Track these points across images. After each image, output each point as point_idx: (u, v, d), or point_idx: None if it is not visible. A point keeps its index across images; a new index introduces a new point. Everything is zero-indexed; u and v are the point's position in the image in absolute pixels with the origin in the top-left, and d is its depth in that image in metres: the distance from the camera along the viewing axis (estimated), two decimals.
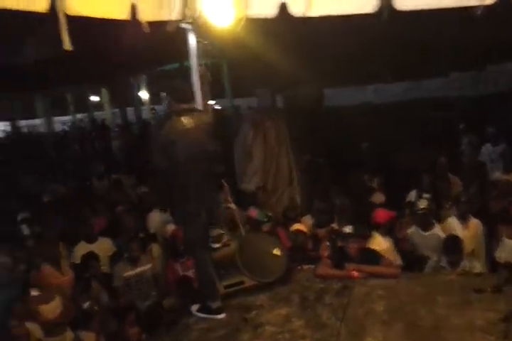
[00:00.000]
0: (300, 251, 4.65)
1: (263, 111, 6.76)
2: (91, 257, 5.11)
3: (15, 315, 4.19)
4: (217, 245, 3.93)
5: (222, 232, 4.01)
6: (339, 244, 4.33)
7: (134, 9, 3.36)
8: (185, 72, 4.64)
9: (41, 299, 4.73)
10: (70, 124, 21.82)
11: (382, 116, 11.81)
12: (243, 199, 6.05)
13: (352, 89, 17.03)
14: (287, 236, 5.03)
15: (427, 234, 4.99)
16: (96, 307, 4.27)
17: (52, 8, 2.65)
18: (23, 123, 24.73)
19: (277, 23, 3.81)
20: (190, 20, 3.99)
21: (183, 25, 4.05)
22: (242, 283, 3.88)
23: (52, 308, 4.78)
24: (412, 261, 4.73)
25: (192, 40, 4.16)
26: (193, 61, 4.26)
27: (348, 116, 11.91)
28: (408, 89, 15.99)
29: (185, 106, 3.56)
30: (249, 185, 6.44)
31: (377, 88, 17.36)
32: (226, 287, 3.84)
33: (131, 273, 5.04)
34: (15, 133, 18.08)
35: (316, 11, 3.67)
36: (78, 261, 5.32)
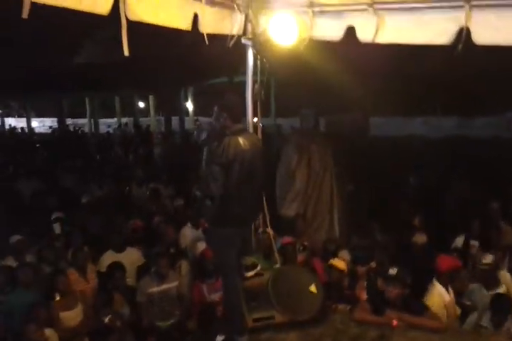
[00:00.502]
0: (335, 289, 4.36)
1: (308, 134, 6.51)
2: (117, 268, 4.96)
3: (35, 319, 4.06)
4: (249, 274, 3.70)
5: (256, 261, 3.78)
6: (379, 285, 4.02)
7: (195, 20, 3.24)
8: (233, 88, 4.51)
9: (64, 305, 4.63)
10: (114, 127, 22.22)
11: (429, 150, 11.38)
12: (281, 226, 5.82)
13: (400, 120, 16.65)
14: (323, 270, 4.75)
15: (489, 293, 4.44)
16: (118, 323, 4.08)
17: (114, 11, 2.54)
18: (69, 121, 25.44)
19: (339, 46, 3.64)
20: (250, 36, 3.85)
21: (243, 41, 3.91)
22: (272, 317, 3.62)
23: (73, 316, 4.68)
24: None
25: (250, 56, 4.01)
26: (249, 78, 4.11)
27: (394, 147, 11.55)
28: (459, 125, 15.50)
29: (239, 125, 3.44)
30: (289, 210, 6.18)
31: (427, 121, 16.92)
32: (255, 320, 3.59)
33: (156, 289, 4.86)
34: (61, 130, 18.47)
35: (386, 37, 3.45)
36: (104, 270, 5.20)
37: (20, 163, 11.33)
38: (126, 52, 2.51)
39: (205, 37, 3.30)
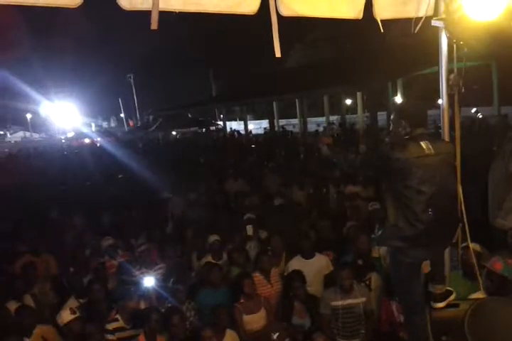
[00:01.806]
0: None
1: None
2: (296, 276, 4.77)
3: (216, 322, 4.15)
4: (440, 305, 3.06)
5: (450, 289, 3.11)
6: None
7: (367, 6, 2.77)
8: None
9: (248, 308, 4.67)
10: (324, 125, 22.59)
11: None
12: (493, 239, 4.84)
13: None
14: None
15: None
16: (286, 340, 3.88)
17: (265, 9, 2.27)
18: (284, 122, 26.88)
19: None
20: (443, 16, 3.17)
21: (434, 23, 3.25)
22: None
23: (256, 319, 4.69)
24: None
25: (444, 40, 3.33)
26: (443, 66, 3.43)
27: None
28: None
29: (421, 130, 2.97)
30: (506, 221, 5.10)
31: None
32: None
33: (340, 303, 4.51)
34: (271, 131, 19.55)
35: None
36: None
37: (231, 164, 12.22)
38: (278, 53, 2.24)
39: (380, 24, 2.81)
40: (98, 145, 27.38)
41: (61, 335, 4.19)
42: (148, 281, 4.77)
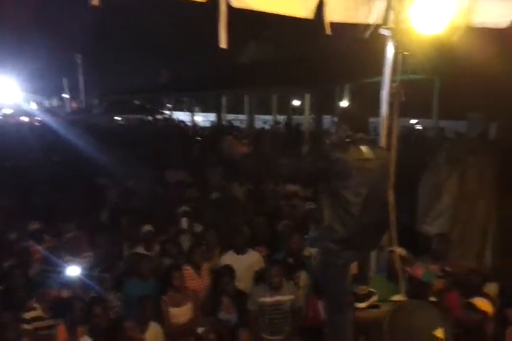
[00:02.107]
0: (475, 335, 3.54)
1: (466, 143, 5.56)
2: (226, 272, 4.77)
3: (139, 315, 4.05)
4: (361, 305, 3.15)
5: (372, 290, 3.21)
6: None
7: (320, 7, 2.79)
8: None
9: (174, 301, 4.60)
10: (271, 124, 22.75)
11: None
12: (418, 245, 5.04)
13: None
14: (460, 308, 3.92)
15: None
16: (211, 336, 3.86)
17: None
18: (232, 116, 26.79)
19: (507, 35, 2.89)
20: (391, 26, 3.25)
21: (382, 31, 3.33)
22: None
23: (182, 313, 4.63)
24: None
25: (390, 49, 3.41)
26: (387, 75, 3.52)
27: None
28: None
29: (361, 135, 3.01)
30: (431, 227, 5.36)
31: None
32: None
33: (268, 299, 4.55)
34: (217, 125, 19.44)
35: None
36: None
37: (175, 154, 12.00)
38: (223, 44, 2.20)
39: (328, 26, 2.83)
40: (37, 124, 26.16)
41: None
42: (73, 269, 4.60)
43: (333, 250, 2.91)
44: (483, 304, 3.75)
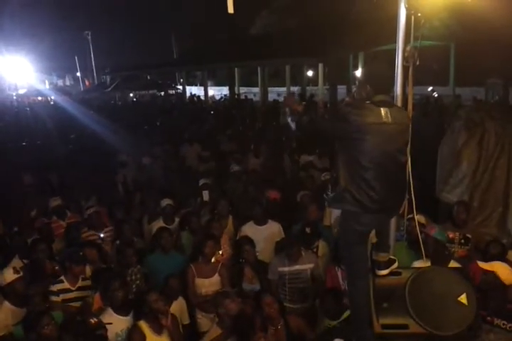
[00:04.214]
0: (494, 300, 3.54)
1: (486, 108, 5.42)
2: (246, 242, 4.79)
3: (166, 293, 4.11)
4: (383, 272, 3.15)
5: (393, 258, 3.20)
6: None
7: None
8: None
9: (202, 272, 4.64)
10: (284, 96, 22.51)
11: None
12: (439, 212, 5.01)
13: None
14: (480, 274, 3.90)
15: None
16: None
17: None
18: (244, 89, 26.59)
19: None
20: None
21: None
22: (406, 326, 3.03)
23: (207, 284, 4.69)
24: None
25: (402, 11, 3.27)
26: (400, 38, 3.38)
27: None
28: None
29: (383, 97, 2.90)
30: (450, 195, 5.31)
31: None
32: (385, 327, 3.05)
33: (287, 269, 4.60)
34: (231, 98, 19.30)
35: None
36: None
37: (188, 128, 12.02)
38: (230, 9, 2.15)
39: None
40: (52, 103, 26.31)
41: (3, 295, 4.07)
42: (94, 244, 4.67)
43: (351, 213, 2.87)
44: (502, 270, 3.72)
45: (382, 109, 2.82)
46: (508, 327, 3.39)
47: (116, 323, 3.79)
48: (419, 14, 3.03)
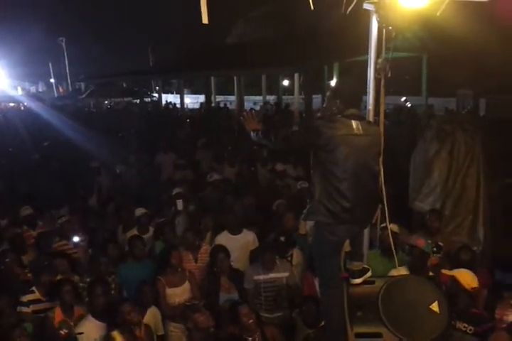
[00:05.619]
0: (454, 305, 3.58)
1: (456, 119, 5.57)
2: (219, 251, 4.74)
3: (138, 301, 4.07)
4: (357, 281, 3.18)
5: (367, 267, 3.24)
6: None
7: None
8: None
9: (172, 281, 4.61)
10: (261, 104, 22.62)
11: None
12: (411, 221, 5.09)
13: None
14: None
15: None
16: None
17: None
18: (221, 98, 26.60)
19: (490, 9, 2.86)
20: (374, 0, 3.19)
21: (365, 6, 3.26)
22: (379, 335, 3.06)
23: (179, 293, 4.65)
24: None
25: (374, 24, 3.34)
26: (372, 50, 3.44)
27: None
28: None
29: (354, 111, 2.97)
30: (423, 203, 5.41)
31: None
32: (358, 335, 3.07)
33: (261, 277, 4.60)
34: (207, 107, 19.27)
35: None
36: None
37: (164, 137, 11.92)
38: (205, 20, 2.16)
39: (311, 1, 2.78)
40: (23, 109, 25.84)
41: None
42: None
43: (325, 225, 2.90)
44: (464, 276, 3.77)
45: (353, 121, 2.91)
46: (469, 330, 3.46)
47: (95, 329, 3.75)
48: (390, 27, 3.09)
